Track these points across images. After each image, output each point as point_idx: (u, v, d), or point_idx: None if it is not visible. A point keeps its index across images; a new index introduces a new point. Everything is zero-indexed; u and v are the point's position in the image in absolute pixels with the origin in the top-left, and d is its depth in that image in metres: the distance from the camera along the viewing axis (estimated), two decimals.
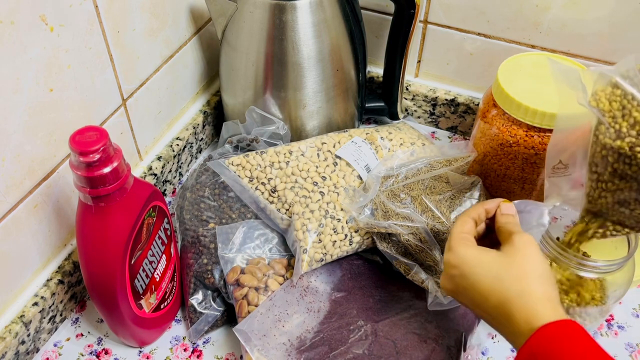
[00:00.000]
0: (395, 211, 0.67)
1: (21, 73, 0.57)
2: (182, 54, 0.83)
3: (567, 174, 0.58)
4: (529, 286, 0.50)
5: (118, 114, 0.73)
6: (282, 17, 0.73)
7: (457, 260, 0.54)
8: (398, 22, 0.81)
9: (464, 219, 0.58)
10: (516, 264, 0.52)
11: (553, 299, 0.50)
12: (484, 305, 0.52)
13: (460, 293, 0.55)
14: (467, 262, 0.54)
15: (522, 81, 0.70)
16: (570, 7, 0.78)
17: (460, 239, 0.56)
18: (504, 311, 0.50)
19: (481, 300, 0.52)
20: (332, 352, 0.62)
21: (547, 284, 0.51)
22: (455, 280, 0.55)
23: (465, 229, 0.57)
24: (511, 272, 0.51)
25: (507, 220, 0.56)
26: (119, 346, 0.70)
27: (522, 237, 0.54)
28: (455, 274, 0.54)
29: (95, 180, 0.54)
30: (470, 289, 0.53)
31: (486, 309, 0.52)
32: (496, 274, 0.51)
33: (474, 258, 0.54)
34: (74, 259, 0.70)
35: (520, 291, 0.50)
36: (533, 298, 0.49)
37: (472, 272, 0.53)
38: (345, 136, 0.78)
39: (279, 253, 0.71)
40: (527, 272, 0.51)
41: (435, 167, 0.72)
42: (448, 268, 0.55)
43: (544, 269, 0.52)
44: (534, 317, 0.48)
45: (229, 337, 0.70)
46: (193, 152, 0.89)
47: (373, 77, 0.96)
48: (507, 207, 0.58)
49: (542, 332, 0.47)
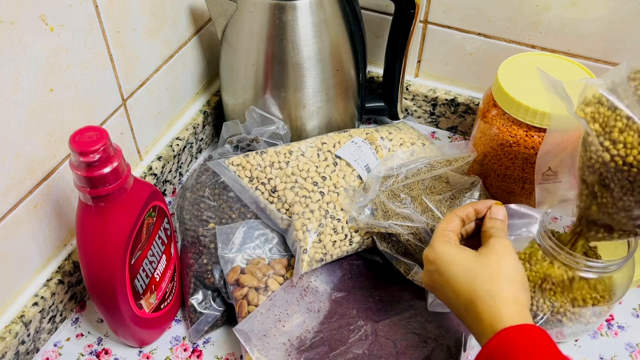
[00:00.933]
0: (395, 211, 0.67)
1: (21, 73, 0.57)
2: (182, 53, 0.83)
3: (558, 181, 0.59)
4: (498, 287, 0.51)
5: (118, 114, 0.73)
6: (282, 17, 0.73)
7: (435, 256, 0.56)
8: (398, 22, 0.81)
9: (451, 217, 0.58)
10: (489, 265, 0.52)
11: (520, 302, 0.50)
12: (455, 302, 0.53)
13: (437, 289, 0.56)
14: (443, 258, 0.55)
15: (522, 81, 0.70)
16: (570, 7, 0.78)
17: (442, 235, 0.57)
18: (472, 310, 0.51)
19: (453, 297, 0.53)
20: (332, 352, 0.62)
21: (517, 287, 0.51)
22: (433, 276, 0.56)
23: (449, 226, 0.57)
24: (483, 272, 0.52)
25: (492, 225, 0.57)
26: (119, 346, 0.70)
27: (500, 240, 0.54)
28: (433, 270, 0.56)
29: (95, 180, 0.54)
30: (445, 285, 0.54)
31: (458, 307, 0.53)
32: (469, 273, 0.52)
33: (450, 255, 0.55)
34: (74, 259, 0.70)
35: (488, 291, 0.51)
36: (500, 299, 0.50)
37: (447, 269, 0.54)
38: (345, 136, 0.78)
39: (279, 253, 0.71)
40: (498, 273, 0.52)
41: (435, 167, 0.72)
42: (427, 263, 0.57)
43: (516, 272, 0.52)
44: (497, 318, 0.49)
45: (229, 337, 0.70)
46: (193, 152, 0.89)
47: (373, 77, 0.96)
48: (496, 211, 0.58)
49: (502, 334, 0.48)
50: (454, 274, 0.53)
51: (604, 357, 0.69)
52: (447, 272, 0.54)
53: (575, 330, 0.66)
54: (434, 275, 0.56)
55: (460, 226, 0.58)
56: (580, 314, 0.63)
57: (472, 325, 0.52)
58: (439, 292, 0.56)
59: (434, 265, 0.55)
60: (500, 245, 0.54)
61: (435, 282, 0.56)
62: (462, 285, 0.52)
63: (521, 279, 0.52)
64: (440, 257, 0.55)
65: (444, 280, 0.54)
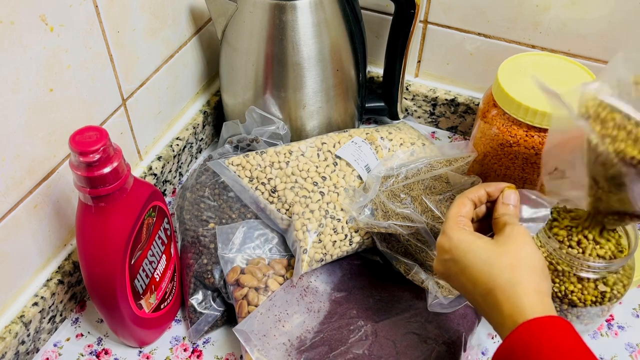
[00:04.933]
0: (395, 211, 0.67)
1: (21, 73, 0.57)
2: (182, 53, 0.83)
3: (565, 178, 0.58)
4: (519, 276, 0.49)
5: (118, 114, 0.73)
6: (282, 17, 0.73)
7: (450, 244, 0.53)
8: (398, 22, 0.81)
9: (462, 201, 0.56)
10: (508, 253, 0.50)
11: (543, 291, 0.48)
12: (472, 292, 0.51)
13: (452, 278, 0.54)
14: (459, 247, 0.52)
15: (522, 81, 0.70)
16: (570, 7, 0.78)
17: (455, 222, 0.54)
18: (491, 300, 0.49)
19: (470, 286, 0.51)
20: (332, 352, 0.62)
21: (538, 276, 0.49)
22: (447, 265, 0.54)
23: (462, 211, 0.55)
24: (502, 260, 0.50)
25: (504, 212, 0.55)
26: (119, 346, 0.70)
27: (516, 228, 0.52)
28: (447, 258, 0.53)
29: (95, 180, 0.54)
30: (460, 274, 0.52)
31: (475, 297, 0.51)
32: (487, 261, 0.50)
33: (466, 243, 0.52)
34: (74, 259, 0.70)
35: (508, 281, 0.49)
36: (521, 289, 0.48)
37: (464, 258, 0.52)
38: (345, 136, 0.78)
39: (279, 253, 0.71)
40: (518, 261, 0.50)
41: (435, 167, 0.72)
42: (440, 252, 0.54)
43: (536, 260, 0.50)
44: (519, 309, 0.47)
45: (229, 337, 0.70)
46: (193, 152, 0.89)
47: (373, 77, 0.96)
48: (508, 196, 0.56)
49: (524, 327, 0.46)
50: (470, 263, 0.51)
51: (604, 357, 0.69)
52: (463, 260, 0.52)
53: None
54: (448, 264, 0.53)
55: (472, 210, 0.56)
56: (580, 314, 0.63)
57: (490, 316, 0.50)
58: (454, 282, 0.54)
59: (449, 253, 0.53)
60: (517, 232, 0.52)
61: (450, 271, 0.54)
62: (479, 274, 0.50)
63: (542, 267, 0.50)
64: (456, 245, 0.52)
65: (459, 269, 0.52)
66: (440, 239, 0.55)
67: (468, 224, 0.55)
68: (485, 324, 0.71)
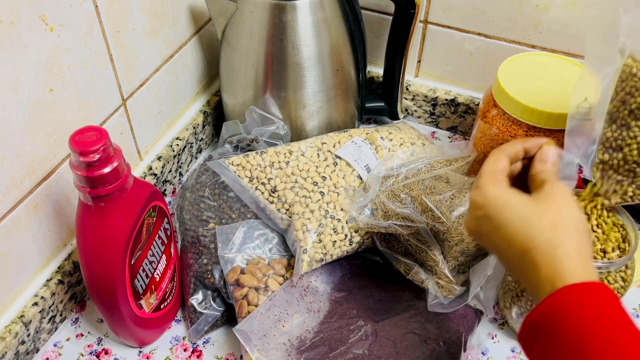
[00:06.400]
0: (395, 211, 0.67)
1: (21, 73, 0.57)
2: (182, 53, 0.83)
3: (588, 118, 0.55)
4: (559, 236, 0.45)
5: (118, 114, 0.73)
6: (282, 17, 0.73)
7: (484, 200, 0.49)
8: (398, 22, 0.81)
9: (498, 156, 0.52)
10: (548, 211, 0.47)
11: (585, 254, 0.45)
12: (507, 251, 0.48)
13: (484, 236, 0.51)
14: (494, 203, 0.49)
15: (522, 81, 0.70)
16: (570, 7, 0.78)
17: (491, 177, 0.50)
18: (527, 260, 0.46)
19: (505, 245, 0.48)
20: (332, 352, 0.62)
21: (581, 237, 0.46)
22: (480, 222, 0.50)
23: (498, 166, 0.51)
24: (542, 218, 0.46)
25: (542, 169, 0.51)
26: (119, 346, 0.70)
27: (556, 186, 0.49)
28: (480, 215, 0.50)
29: (95, 180, 0.54)
30: (494, 232, 0.49)
31: (509, 256, 0.48)
32: (525, 219, 0.47)
33: (502, 200, 0.49)
34: (74, 259, 0.70)
35: (548, 240, 0.45)
36: (562, 251, 0.44)
37: (499, 215, 0.48)
38: (345, 136, 0.78)
39: (279, 253, 0.71)
40: (560, 220, 0.46)
41: (436, 167, 0.72)
42: (473, 208, 0.51)
43: (579, 220, 0.47)
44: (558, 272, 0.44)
45: (229, 337, 0.70)
46: (193, 152, 0.89)
47: (373, 77, 0.96)
48: (547, 152, 0.52)
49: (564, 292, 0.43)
50: (507, 220, 0.47)
51: None
52: (499, 217, 0.48)
53: None
54: (481, 222, 0.50)
55: (508, 166, 0.52)
56: None
57: (525, 277, 0.47)
58: (486, 240, 0.50)
59: (483, 210, 0.49)
60: (558, 190, 0.48)
61: (482, 228, 0.50)
62: (516, 232, 0.47)
63: (584, 229, 0.47)
64: (491, 201, 0.49)
65: (493, 226, 0.48)
66: (473, 194, 0.51)
67: (504, 180, 0.51)
68: (486, 323, 0.71)
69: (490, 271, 0.65)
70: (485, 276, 0.65)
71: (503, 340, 0.70)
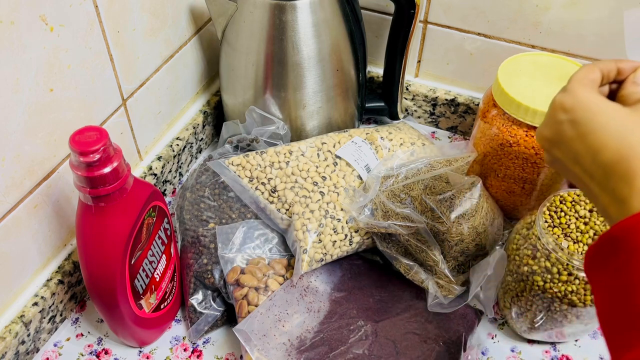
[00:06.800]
0: (395, 211, 0.67)
1: (21, 73, 0.57)
2: (182, 53, 0.83)
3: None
4: None
5: (118, 114, 0.73)
6: (282, 17, 0.73)
7: (574, 103, 0.45)
8: (398, 22, 0.81)
9: (592, 69, 0.48)
10: None
11: None
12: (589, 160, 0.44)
13: (561, 143, 0.47)
14: (586, 107, 0.45)
15: (522, 81, 0.70)
16: (570, 7, 0.78)
17: (583, 83, 0.47)
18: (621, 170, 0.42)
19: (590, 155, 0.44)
20: (332, 352, 0.62)
21: None
22: (561, 127, 0.46)
23: (591, 76, 0.47)
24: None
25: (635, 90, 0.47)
26: (119, 346, 0.70)
27: None
28: (564, 120, 0.46)
29: (95, 180, 0.54)
30: (579, 139, 0.45)
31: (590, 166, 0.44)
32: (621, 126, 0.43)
33: (595, 105, 0.45)
34: (74, 259, 0.70)
35: None
36: None
37: (590, 120, 0.44)
38: (345, 136, 0.78)
39: (279, 253, 0.71)
40: None
41: (435, 167, 0.72)
42: (557, 111, 0.47)
43: None
44: None
45: (229, 337, 0.70)
46: (193, 152, 0.89)
47: (373, 77, 0.96)
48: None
49: None
50: (600, 126, 0.44)
51: (604, 357, 0.69)
52: (591, 122, 0.44)
53: (575, 330, 0.66)
54: (562, 127, 0.46)
55: (600, 80, 0.48)
56: (580, 314, 0.63)
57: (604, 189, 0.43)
58: (561, 148, 0.47)
59: (571, 113, 0.45)
60: None
61: (562, 134, 0.46)
62: (610, 139, 0.43)
63: None
64: (583, 105, 0.45)
65: (580, 132, 0.45)
66: (560, 97, 0.47)
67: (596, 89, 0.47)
68: (486, 323, 0.71)
69: (490, 271, 0.65)
70: (485, 276, 0.65)
71: (503, 340, 0.70)
